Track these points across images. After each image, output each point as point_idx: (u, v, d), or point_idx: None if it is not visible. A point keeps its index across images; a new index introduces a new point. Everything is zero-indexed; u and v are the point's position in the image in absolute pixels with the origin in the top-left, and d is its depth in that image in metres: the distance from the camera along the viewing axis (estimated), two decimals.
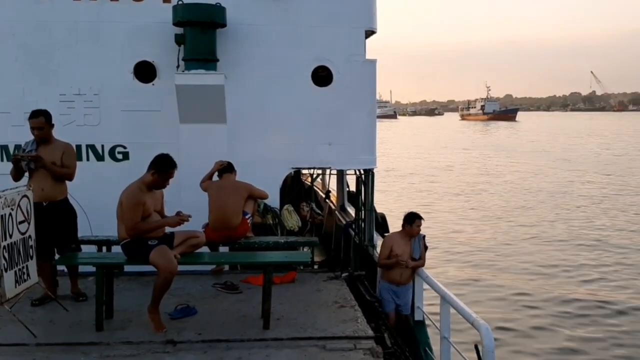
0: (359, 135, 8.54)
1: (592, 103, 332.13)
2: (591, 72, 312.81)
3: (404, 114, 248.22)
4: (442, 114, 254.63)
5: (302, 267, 7.88)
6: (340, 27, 8.38)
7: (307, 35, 8.37)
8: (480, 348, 4.90)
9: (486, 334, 4.84)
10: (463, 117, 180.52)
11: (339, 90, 8.40)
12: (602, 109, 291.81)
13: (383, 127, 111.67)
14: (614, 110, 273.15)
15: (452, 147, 59.88)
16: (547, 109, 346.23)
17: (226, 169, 7.59)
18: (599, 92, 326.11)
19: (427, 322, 7.22)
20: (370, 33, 8.62)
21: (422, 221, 7.25)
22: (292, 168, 8.81)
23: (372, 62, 8.49)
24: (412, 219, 7.17)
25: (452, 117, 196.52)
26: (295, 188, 10.55)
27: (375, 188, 9.00)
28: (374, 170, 8.75)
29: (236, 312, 6.20)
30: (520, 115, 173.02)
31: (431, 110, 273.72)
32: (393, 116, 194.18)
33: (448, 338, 5.87)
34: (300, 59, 8.36)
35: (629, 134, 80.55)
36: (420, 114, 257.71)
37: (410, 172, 37.15)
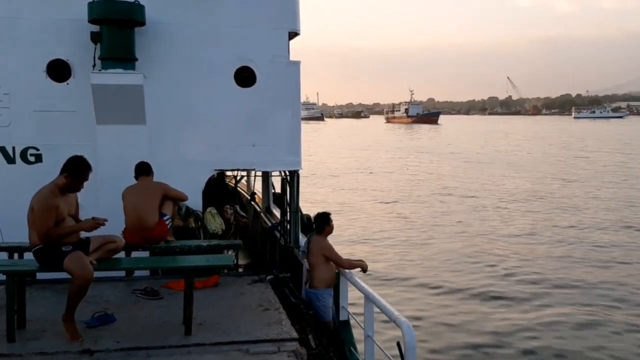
0: (284, 136, 8.51)
1: (509, 107, 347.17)
2: (507, 77, 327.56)
3: (330, 116, 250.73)
4: (368, 117, 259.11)
5: (226, 271, 7.75)
6: (264, 27, 8.33)
7: (230, 36, 8.27)
8: (402, 345, 4.96)
9: (407, 331, 4.90)
10: (388, 120, 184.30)
11: (263, 91, 8.34)
12: (518, 113, 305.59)
13: (310, 129, 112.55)
14: (529, 114, 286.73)
15: (377, 148, 61.12)
16: (467, 112, 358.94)
17: (142, 170, 7.37)
18: (514, 97, 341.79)
19: (352, 321, 7.26)
20: (293, 35, 8.61)
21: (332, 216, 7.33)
22: (215, 170, 8.65)
23: (296, 64, 8.49)
24: (327, 219, 7.20)
25: (378, 120, 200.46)
26: (219, 190, 10.38)
27: (301, 189, 9.00)
28: (299, 172, 8.74)
29: (157, 318, 6.01)
30: (442, 118, 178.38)
31: (357, 112, 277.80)
32: (320, 118, 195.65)
33: (372, 337, 5.92)
34: (223, 59, 8.24)
35: (541, 137, 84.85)
36: (346, 117, 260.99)
37: (336, 173, 37.60)
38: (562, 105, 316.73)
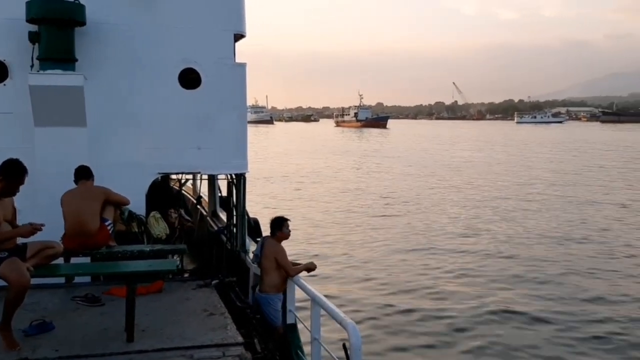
0: (230, 139, 8.44)
1: (455, 112, 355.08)
2: (453, 83, 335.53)
3: (280, 120, 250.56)
4: (318, 120, 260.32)
5: (170, 276, 7.62)
6: (209, 29, 8.25)
7: (174, 37, 8.15)
8: (348, 346, 4.98)
9: (353, 332, 4.92)
10: (338, 124, 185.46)
11: (208, 93, 8.25)
12: (463, 118, 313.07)
13: (259, 132, 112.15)
14: (474, 119, 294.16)
15: (326, 152, 61.51)
16: (415, 117, 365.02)
17: (82, 174, 7.18)
18: (460, 102, 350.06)
19: (299, 325, 7.25)
20: (239, 37, 8.56)
21: (290, 222, 7.28)
22: (159, 173, 8.49)
23: (242, 66, 8.43)
24: (280, 223, 7.17)
25: (328, 124, 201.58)
26: (163, 194, 10.21)
27: (248, 192, 8.95)
28: (246, 175, 8.68)
29: (97, 325, 5.86)
30: (390, 122, 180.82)
31: (307, 116, 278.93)
32: (270, 121, 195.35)
33: (319, 339, 5.92)
34: (167, 61, 8.11)
35: (485, 140, 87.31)
36: (296, 120, 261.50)
37: (285, 175, 37.72)
38: (505, 111, 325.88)
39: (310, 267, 7.18)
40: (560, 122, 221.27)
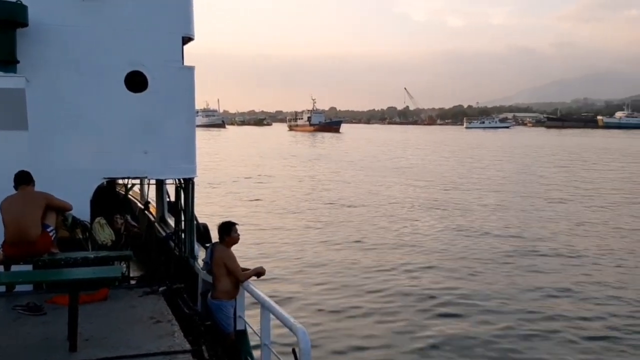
0: (177, 143, 8.31)
1: (406, 117, 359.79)
2: (405, 88, 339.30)
3: (232, 123, 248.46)
4: (271, 124, 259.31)
5: (117, 283, 7.44)
6: (156, 32, 8.11)
7: (120, 39, 7.98)
8: (297, 351, 4.97)
9: (303, 337, 4.92)
10: (291, 128, 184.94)
11: (155, 96, 8.10)
12: (415, 123, 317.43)
13: (211, 136, 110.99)
14: (425, 124, 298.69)
15: (278, 156, 61.43)
16: (368, 121, 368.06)
17: (22, 179, 6.95)
18: (412, 107, 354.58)
19: (250, 331, 7.19)
20: (187, 39, 8.45)
21: (238, 226, 7.22)
22: (105, 178, 8.31)
23: (190, 69, 8.33)
24: (229, 228, 7.10)
25: (281, 128, 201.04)
26: (109, 199, 9.97)
27: (198, 197, 8.83)
28: (195, 180, 8.57)
29: (39, 335, 5.69)
30: (343, 127, 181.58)
31: (260, 120, 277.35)
32: (221, 125, 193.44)
33: (268, 345, 5.89)
34: (113, 63, 7.94)
35: (436, 144, 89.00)
36: (249, 124, 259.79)
37: (235, 179, 37.34)
38: (455, 116, 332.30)
39: (259, 272, 7.11)
40: (507, 127, 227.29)
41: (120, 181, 10.60)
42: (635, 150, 76.50)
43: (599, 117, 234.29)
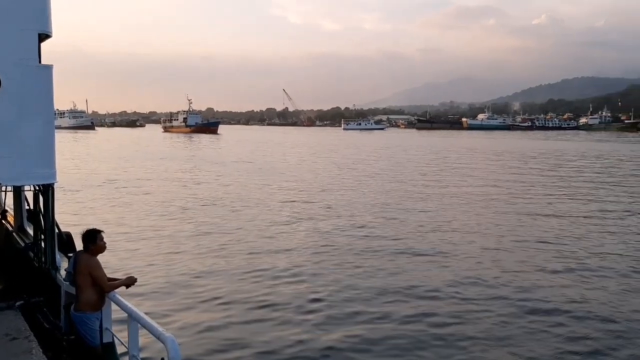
0: (34, 147, 7.71)
1: (286, 118, 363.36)
2: (283, 90, 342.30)
3: (102, 125, 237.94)
4: (144, 126, 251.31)
5: None
6: (8, 28, 7.48)
7: None
8: None
9: (172, 346, 4.81)
10: (166, 129, 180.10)
11: (8, 97, 7.47)
12: (294, 124, 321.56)
13: (78, 139, 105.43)
14: (304, 125, 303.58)
15: (150, 158, 59.60)
16: (247, 122, 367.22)
17: None
18: (291, 109, 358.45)
19: (117, 343, 6.88)
20: (45, 37, 7.89)
21: (104, 233, 6.88)
22: None
23: (48, 68, 7.78)
24: (94, 236, 6.74)
25: (155, 129, 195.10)
26: None
27: (62, 204, 8.30)
28: (55, 185, 8.03)
29: None
30: (221, 128, 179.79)
31: (132, 121, 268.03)
32: (90, 127, 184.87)
33: (137, 356, 5.69)
34: None
35: (313, 145, 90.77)
36: (120, 125, 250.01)
37: (102, 184, 35.54)
38: (333, 117, 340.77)
39: (129, 282, 6.83)
40: (382, 128, 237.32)
41: None
42: (490, 148, 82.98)
43: (464, 119, 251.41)
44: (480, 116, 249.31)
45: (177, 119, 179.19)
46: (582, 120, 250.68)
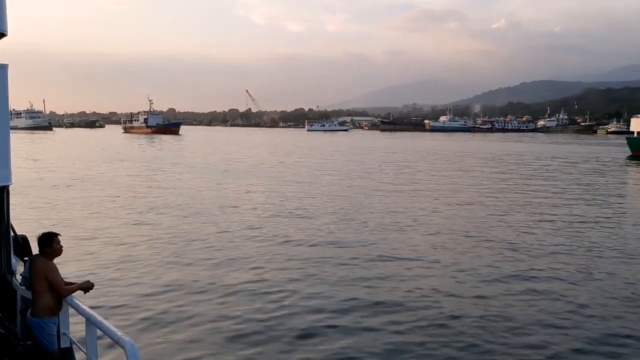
0: None
1: (249, 119, 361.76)
2: (246, 90, 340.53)
3: (61, 126, 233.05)
4: (104, 126, 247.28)
5: None
6: None
7: None
8: None
9: (131, 350, 4.77)
10: (127, 130, 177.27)
11: None
12: (258, 125, 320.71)
13: (35, 140, 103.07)
14: (268, 126, 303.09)
15: (111, 160, 58.52)
16: (209, 123, 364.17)
17: None
18: (254, 110, 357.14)
19: (75, 348, 6.76)
20: (0, 35, 7.72)
21: (61, 236, 6.76)
22: None
23: (3, 67, 7.61)
24: (50, 239, 6.61)
25: (115, 130, 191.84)
26: None
27: (18, 206, 8.10)
28: (10, 187, 7.85)
29: None
30: (183, 129, 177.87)
31: (92, 122, 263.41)
32: (48, 128, 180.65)
33: None
34: None
35: (280, 146, 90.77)
36: (79, 126, 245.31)
37: (57, 185, 34.73)
38: (297, 119, 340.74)
39: (86, 287, 6.72)
40: (346, 130, 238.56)
41: None
42: (452, 150, 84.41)
43: (426, 121, 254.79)
44: (442, 118, 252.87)
45: (138, 120, 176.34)
46: (540, 122, 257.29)
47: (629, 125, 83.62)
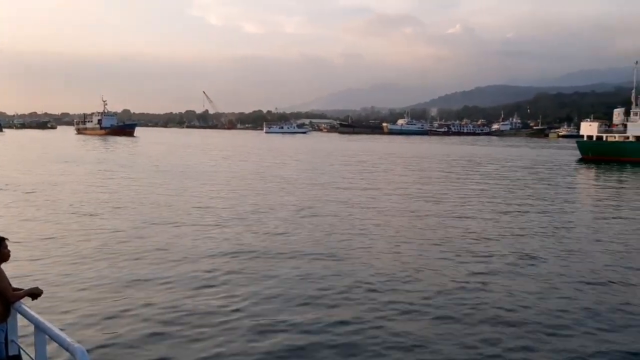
0: None
1: (206, 121, 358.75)
2: (203, 92, 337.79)
3: (10, 127, 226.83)
4: (56, 128, 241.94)
5: None
6: None
7: None
8: None
9: (81, 357, 4.63)
10: (79, 131, 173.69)
11: None
12: (215, 127, 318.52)
13: None
14: (225, 128, 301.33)
15: (58, 161, 57.20)
16: (165, 125, 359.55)
17: None
18: (211, 111, 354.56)
19: (23, 355, 6.55)
20: None
21: (8, 241, 6.52)
22: None
23: None
24: None
25: (68, 131, 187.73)
26: None
27: None
28: None
29: None
30: (138, 130, 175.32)
31: (43, 122, 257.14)
32: None
33: None
34: None
35: (233, 148, 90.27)
36: (30, 127, 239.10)
37: (3, 189, 33.54)
38: (255, 121, 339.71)
39: (34, 292, 6.51)
40: (305, 132, 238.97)
41: None
42: (411, 153, 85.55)
43: (385, 124, 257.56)
44: (400, 121, 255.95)
45: (92, 121, 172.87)
46: (495, 126, 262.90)
47: (579, 129, 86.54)
